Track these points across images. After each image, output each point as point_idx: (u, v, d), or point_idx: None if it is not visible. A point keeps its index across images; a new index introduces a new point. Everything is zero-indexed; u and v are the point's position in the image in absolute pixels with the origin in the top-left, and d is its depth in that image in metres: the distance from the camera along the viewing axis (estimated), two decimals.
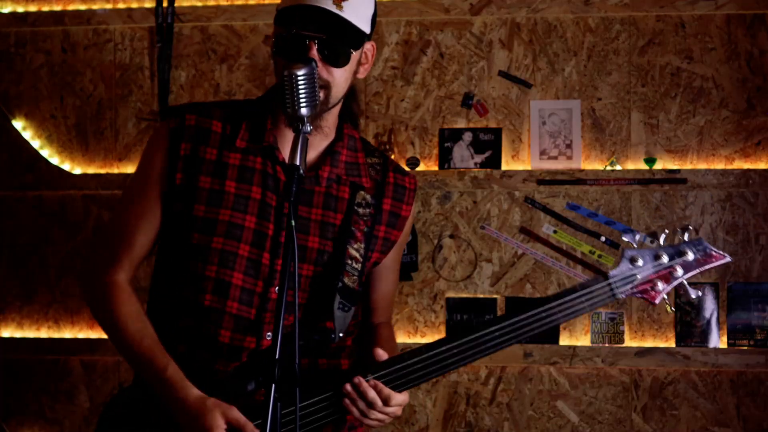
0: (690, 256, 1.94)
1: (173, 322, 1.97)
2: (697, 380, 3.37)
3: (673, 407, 3.37)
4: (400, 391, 1.88)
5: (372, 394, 1.85)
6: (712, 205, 3.39)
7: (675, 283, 1.93)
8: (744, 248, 3.37)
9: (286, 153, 1.94)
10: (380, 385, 1.85)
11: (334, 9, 1.84)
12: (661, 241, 1.95)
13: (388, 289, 2.15)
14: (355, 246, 1.99)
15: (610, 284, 1.92)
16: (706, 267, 1.94)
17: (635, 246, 1.95)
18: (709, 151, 3.41)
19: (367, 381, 1.85)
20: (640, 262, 1.93)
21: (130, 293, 1.97)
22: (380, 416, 1.87)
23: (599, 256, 3.41)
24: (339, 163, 2.00)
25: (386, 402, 1.86)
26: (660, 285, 1.93)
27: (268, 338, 1.92)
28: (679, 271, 1.93)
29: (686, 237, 1.95)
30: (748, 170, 3.34)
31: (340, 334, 1.96)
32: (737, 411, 3.35)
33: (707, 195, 3.38)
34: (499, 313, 3.43)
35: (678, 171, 3.35)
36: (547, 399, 3.43)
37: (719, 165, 3.39)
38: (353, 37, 1.89)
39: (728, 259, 1.95)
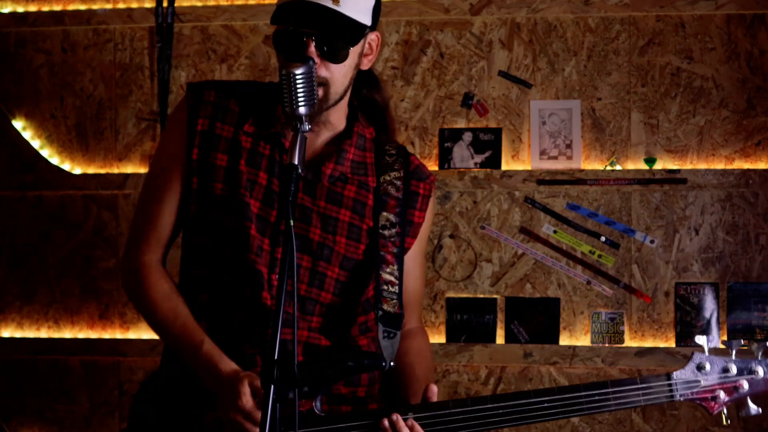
0: (760, 374, 1.87)
1: (197, 300, 1.98)
2: None
3: (673, 407, 3.37)
4: None
5: None
6: (712, 205, 3.38)
7: (737, 397, 1.88)
8: (744, 248, 3.37)
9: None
10: (417, 427, 1.83)
11: (330, 4, 1.83)
12: (733, 353, 1.88)
13: (413, 287, 2.10)
14: (388, 270, 1.98)
15: (670, 385, 1.87)
16: None
17: (706, 351, 1.88)
18: (709, 151, 3.41)
19: (406, 419, 1.83)
20: (707, 369, 1.87)
21: (161, 273, 1.98)
22: None
23: (599, 256, 3.41)
24: (345, 161, 1.99)
25: None
26: (722, 396, 1.88)
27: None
28: (746, 387, 1.88)
29: (760, 354, 1.88)
30: (748, 170, 3.34)
31: (391, 363, 1.94)
32: (737, 411, 3.35)
33: (707, 195, 3.38)
34: (499, 313, 3.43)
35: (678, 171, 3.35)
36: None
37: (719, 165, 3.39)
38: (351, 31, 1.88)
39: None
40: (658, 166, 3.40)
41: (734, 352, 1.88)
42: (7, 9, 3.67)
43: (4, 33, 3.67)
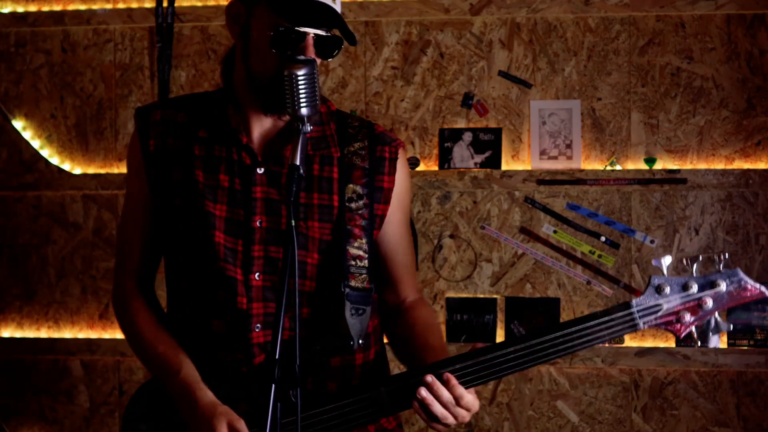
0: (722, 287, 1.77)
1: (180, 315, 1.99)
2: (697, 380, 3.37)
3: (673, 407, 3.37)
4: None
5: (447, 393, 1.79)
6: (712, 205, 3.39)
7: (703, 315, 1.78)
8: (744, 248, 3.37)
9: (251, 137, 1.93)
10: (453, 380, 1.79)
11: (330, 3, 1.84)
12: (693, 270, 1.80)
13: (403, 259, 2.05)
14: (356, 244, 1.94)
15: (631, 314, 1.79)
16: (740, 301, 1.78)
17: (664, 273, 1.79)
18: (709, 151, 3.41)
19: (441, 374, 1.79)
20: (667, 291, 1.78)
21: (145, 300, 2.01)
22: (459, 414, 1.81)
23: (599, 256, 3.41)
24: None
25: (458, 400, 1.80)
26: (687, 317, 1.78)
27: (257, 330, 1.90)
28: (709, 304, 1.77)
29: (721, 267, 1.80)
30: (748, 170, 3.34)
31: (360, 341, 1.91)
32: (737, 411, 3.35)
33: (707, 195, 3.38)
34: (499, 313, 3.43)
35: (678, 171, 3.35)
36: (547, 399, 3.43)
37: (719, 165, 3.39)
38: (341, 29, 1.88)
39: (766, 293, 1.77)
40: (658, 166, 3.40)
41: (694, 268, 1.80)
42: (7, 9, 3.67)
43: (4, 33, 3.67)
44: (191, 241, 1.93)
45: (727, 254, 1.85)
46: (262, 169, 1.92)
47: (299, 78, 1.73)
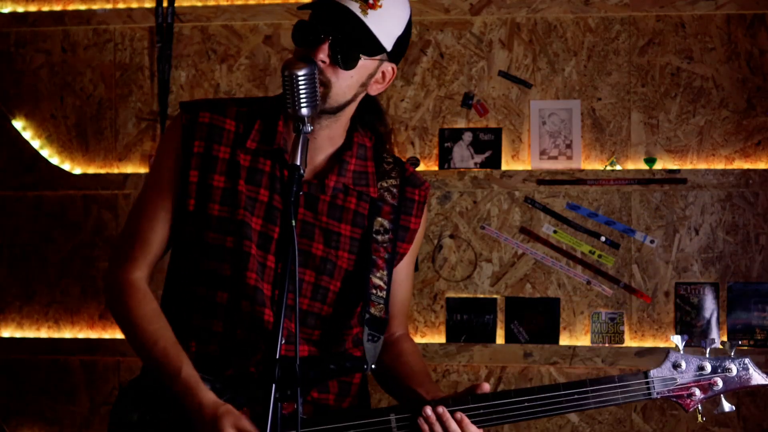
0: (733, 372, 1.94)
1: (188, 319, 1.98)
2: None
3: (673, 407, 3.37)
4: None
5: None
6: (712, 205, 3.39)
7: (712, 395, 1.95)
8: (744, 248, 3.37)
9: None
10: (466, 421, 1.86)
11: (357, 12, 1.84)
12: (708, 352, 1.95)
13: (402, 297, 2.13)
14: (378, 274, 1.99)
15: (648, 383, 1.92)
16: (746, 386, 1.95)
17: (681, 350, 1.94)
18: (709, 151, 3.41)
19: (453, 412, 1.86)
20: (683, 367, 1.93)
21: (146, 292, 1.98)
22: None
23: (599, 256, 3.41)
24: (346, 171, 1.99)
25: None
26: (697, 393, 1.94)
27: (282, 342, 1.92)
28: (720, 385, 1.95)
29: (733, 353, 1.95)
30: (748, 170, 3.34)
31: (373, 366, 1.95)
32: (737, 411, 3.35)
33: (707, 195, 3.38)
34: (499, 313, 3.43)
35: (678, 171, 3.35)
36: None
37: (719, 165, 3.39)
38: (367, 44, 1.87)
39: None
40: (658, 166, 3.40)
41: (708, 350, 1.94)
42: (7, 9, 3.67)
43: (4, 33, 3.67)
44: (223, 250, 1.93)
45: (739, 341, 1.98)
46: (302, 192, 1.92)
47: (299, 78, 1.75)
